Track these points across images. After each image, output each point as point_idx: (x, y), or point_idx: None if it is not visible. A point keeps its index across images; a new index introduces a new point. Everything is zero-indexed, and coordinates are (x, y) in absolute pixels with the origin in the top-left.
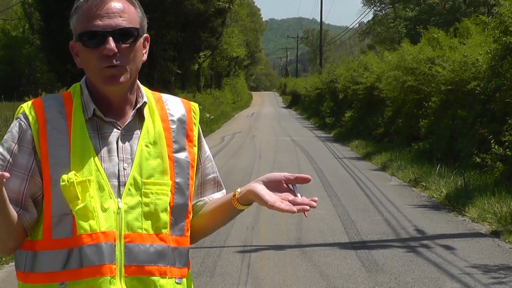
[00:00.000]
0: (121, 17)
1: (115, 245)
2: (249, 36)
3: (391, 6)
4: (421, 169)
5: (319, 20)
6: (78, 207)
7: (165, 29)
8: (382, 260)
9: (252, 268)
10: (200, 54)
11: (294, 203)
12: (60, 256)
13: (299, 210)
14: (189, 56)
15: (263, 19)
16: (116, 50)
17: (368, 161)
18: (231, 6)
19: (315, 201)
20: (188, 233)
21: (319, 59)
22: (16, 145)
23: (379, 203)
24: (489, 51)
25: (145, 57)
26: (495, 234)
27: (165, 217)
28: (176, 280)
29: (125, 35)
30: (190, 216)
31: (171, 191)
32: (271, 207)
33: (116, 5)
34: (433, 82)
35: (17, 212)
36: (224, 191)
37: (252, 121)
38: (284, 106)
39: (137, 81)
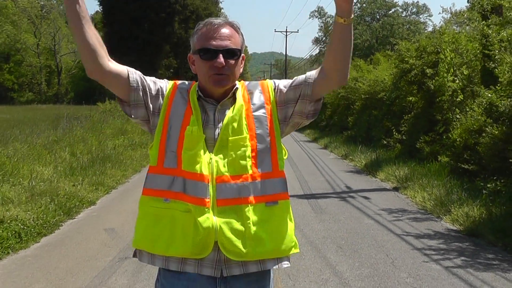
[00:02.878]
0: (229, 40)
1: (208, 185)
2: None
3: None
4: (349, 148)
5: (285, 53)
6: (190, 153)
7: (186, 59)
8: (324, 205)
9: None
10: None
11: None
12: (167, 180)
13: None
14: None
15: (249, 52)
16: (224, 64)
17: (315, 143)
18: None
19: None
20: (278, 168)
21: (285, 79)
22: (154, 83)
23: (322, 169)
24: (392, 73)
25: (241, 70)
26: (395, 189)
27: (244, 163)
28: (266, 204)
29: (231, 53)
30: (277, 154)
31: (252, 140)
32: None
33: (226, 31)
34: (357, 93)
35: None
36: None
37: None
38: None
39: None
